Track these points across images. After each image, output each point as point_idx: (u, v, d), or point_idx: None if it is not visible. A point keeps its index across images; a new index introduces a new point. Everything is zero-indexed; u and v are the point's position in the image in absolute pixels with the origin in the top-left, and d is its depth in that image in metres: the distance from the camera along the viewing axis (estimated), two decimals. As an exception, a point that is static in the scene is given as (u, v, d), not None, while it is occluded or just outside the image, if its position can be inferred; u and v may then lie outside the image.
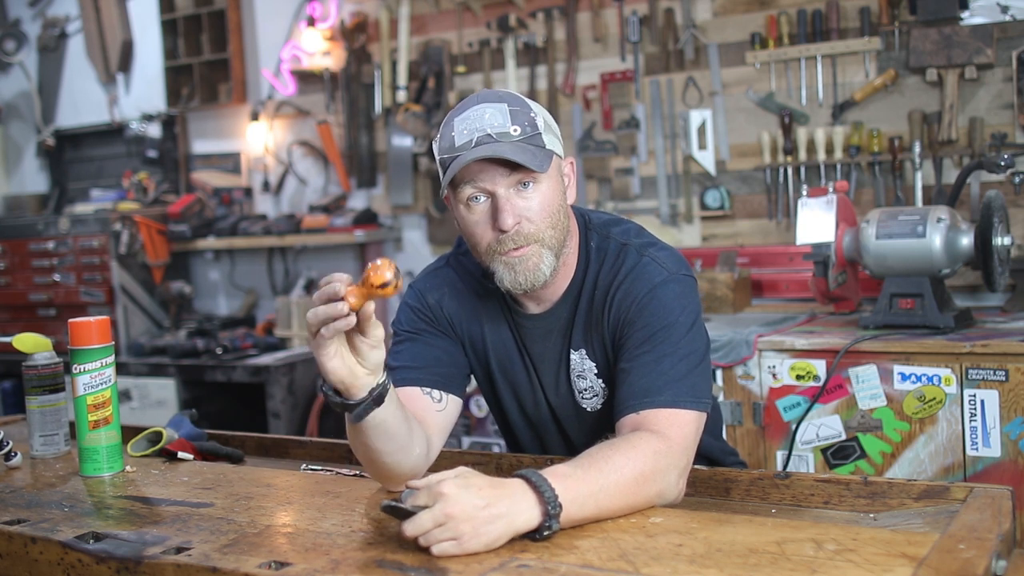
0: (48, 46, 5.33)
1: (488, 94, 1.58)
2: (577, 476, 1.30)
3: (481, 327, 1.73)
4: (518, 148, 1.51)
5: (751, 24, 3.61)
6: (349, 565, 1.19)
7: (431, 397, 1.65)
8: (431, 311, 1.73)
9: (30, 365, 1.87)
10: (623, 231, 1.68)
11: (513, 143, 1.51)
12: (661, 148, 3.80)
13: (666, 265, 1.61)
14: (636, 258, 1.62)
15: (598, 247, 1.67)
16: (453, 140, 1.53)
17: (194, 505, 1.49)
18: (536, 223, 1.54)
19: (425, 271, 1.80)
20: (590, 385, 1.69)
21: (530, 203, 1.54)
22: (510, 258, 1.56)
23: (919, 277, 2.76)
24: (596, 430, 1.67)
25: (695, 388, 1.52)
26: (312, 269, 4.63)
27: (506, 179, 1.52)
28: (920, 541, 1.18)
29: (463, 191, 1.54)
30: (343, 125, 4.45)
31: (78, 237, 4.53)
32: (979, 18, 3.20)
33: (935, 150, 3.28)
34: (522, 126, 1.53)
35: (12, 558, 1.39)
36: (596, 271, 1.65)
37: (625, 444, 1.41)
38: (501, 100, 1.55)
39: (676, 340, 1.54)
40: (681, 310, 1.57)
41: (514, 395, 1.77)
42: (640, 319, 1.57)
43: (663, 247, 1.66)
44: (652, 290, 1.58)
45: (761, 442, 2.84)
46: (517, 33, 4.02)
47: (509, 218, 1.52)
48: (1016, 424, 2.51)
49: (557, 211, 1.57)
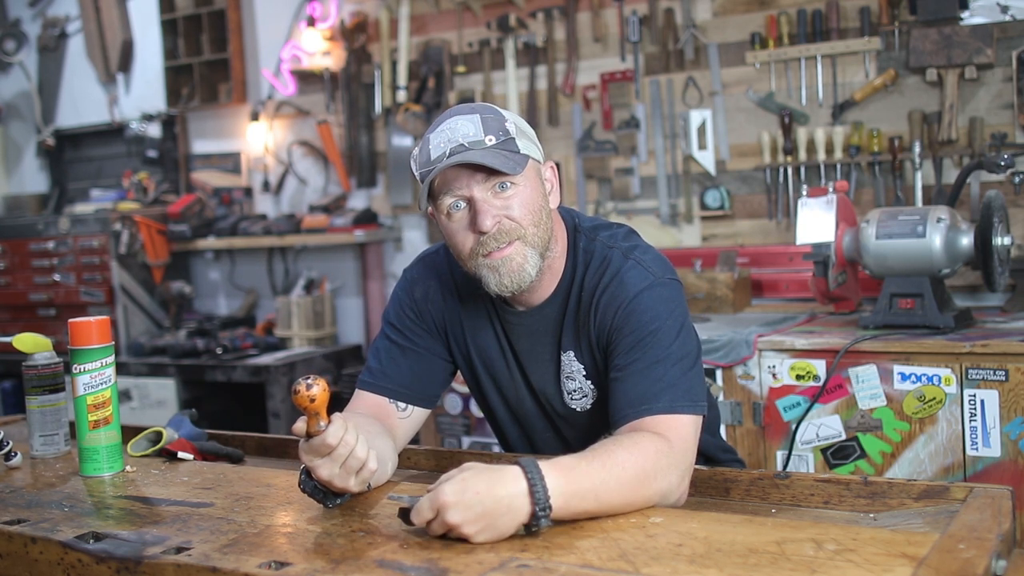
0: (48, 46, 5.33)
1: (461, 107, 1.61)
2: (580, 469, 1.31)
3: (463, 321, 1.75)
4: (490, 153, 1.53)
5: (751, 24, 3.61)
6: (349, 565, 1.19)
7: (396, 407, 1.73)
8: (417, 305, 1.76)
9: (30, 365, 1.87)
10: (610, 235, 1.69)
11: (486, 149, 1.54)
12: (661, 148, 3.80)
13: (651, 269, 1.62)
14: (620, 262, 1.63)
15: (585, 249, 1.68)
16: (429, 154, 1.56)
17: (194, 505, 1.49)
18: (517, 220, 1.56)
19: (420, 256, 1.83)
20: (579, 387, 1.70)
21: (509, 202, 1.56)
22: (493, 260, 1.57)
23: (919, 277, 2.76)
24: (587, 429, 1.70)
25: (691, 392, 1.53)
26: (312, 269, 4.63)
27: (482, 184, 1.55)
28: (920, 541, 1.18)
29: (443, 202, 1.57)
30: (343, 125, 4.45)
31: (78, 237, 4.53)
32: (979, 18, 3.20)
33: (935, 150, 3.28)
34: (495, 134, 1.55)
35: (12, 558, 1.39)
36: (583, 273, 1.66)
37: (629, 441, 1.42)
38: (473, 112, 1.58)
39: (666, 345, 1.55)
40: (668, 314, 1.57)
41: (499, 393, 1.79)
42: (627, 325, 1.58)
43: (648, 251, 1.66)
44: (637, 295, 1.59)
45: (761, 442, 2.84)
46: (517, 33, 4.02)
47: (487, 219, 1.54)
48: (1016, 424, 2.51)
49: (538, 211, 1.59)
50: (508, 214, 1.56)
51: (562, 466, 1.30)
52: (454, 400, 3.41)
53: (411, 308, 1.76)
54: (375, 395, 1.72)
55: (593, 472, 1.32)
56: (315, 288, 4.53)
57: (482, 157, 1.52)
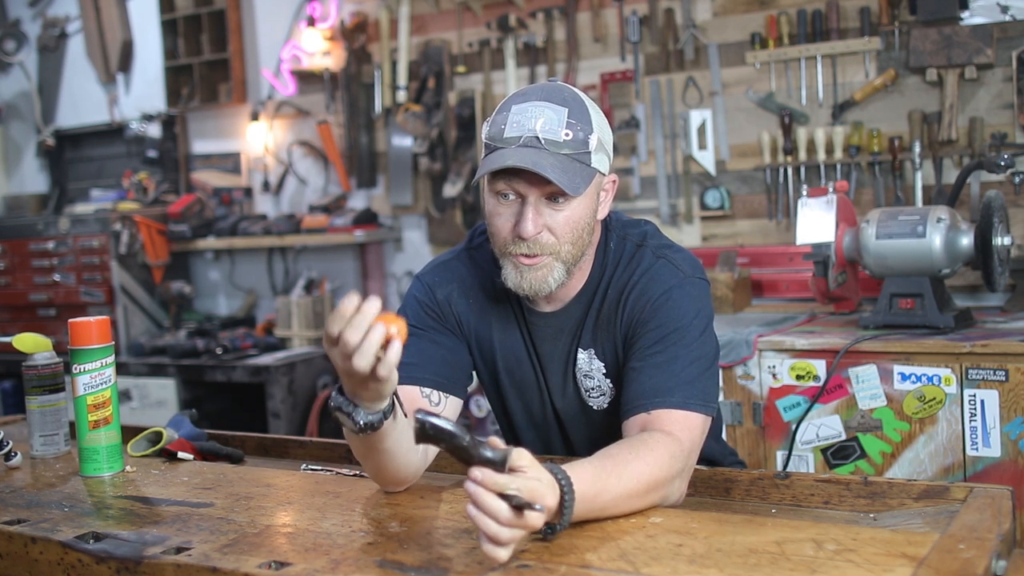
0: (48, 46, 5.33)
1: (554, 92, 1.52)
2: (598, 483, 1.28)
3: (490, 327, 1.72)
4: (559, 164, 1.47)
5: (751, 24, 3.61)
6: (349, 565, 1.19)
7: (429, 400, 1.63)
8: (439, 307, 1.71)
9: (30, 365, 1.87)
10: (640, 233, 1.68)
11: (556, 156, 1.48)
12: (661, 148, 3.80)
13: (682, 268, 1.61)
14: (652, 260, 1.62)
15: (615, 248, 1.66)
16: (503, 130, 1.50)
17: (194, 505, 1.49)
18: (558, 238, 1.53)
19: (434, 263, 1.78)
20: (597, 384, 1.68)
21: (557, 218, 1.52)
22: (520, 262, 1.54)
23: (919, 277, 2.76)
24: (601, 429, 1.67)
25: (705, 392, 1.52)
26: (312, 269, 4.63)
27: (540, 188, 1.50)
28: (920, 541, 1.18)
29: (497, 184, 1.53)
30: (343, 125, 4.45)
31: (78, 237, 4.53)
32: (979, 18, 3.20)
33: (935, 150, 3.28)
34: (576, 140, 1.49)
35: (12, 558, 1.39)
36: (611, 272, 1.65)
37: (644, 448, 1.39)
38: (565, 104, 1.51)
39: (688, 343, 1.54)
40: (695, 314, 1.57)
41: (520, 397, 1.76)
42: (653, 320, 1.57)
43: (679, 250, 1.66)
44: (666, 292, 1.58)
45: (761, 442, 2.84)
46: (517, 33, 4.02)
47: (531, 226, 1.50)
48: (1016, 424, 2.51)
49: (582, 229, 1.56)
50: (552, 227, 1.52)
51: (582, 479, 1.25)
52: (454, 400, 3.41)
53: (433, 310, 1.70)
54: (405, 387, 1.58)
55: (610, 486, 1.29)
56: (315, 288, 4.53)
57: (550, 169, 1.46)
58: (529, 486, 1.15)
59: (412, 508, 1.42)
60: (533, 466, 1.18)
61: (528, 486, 1.15)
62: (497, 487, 1.13)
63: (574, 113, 1.50)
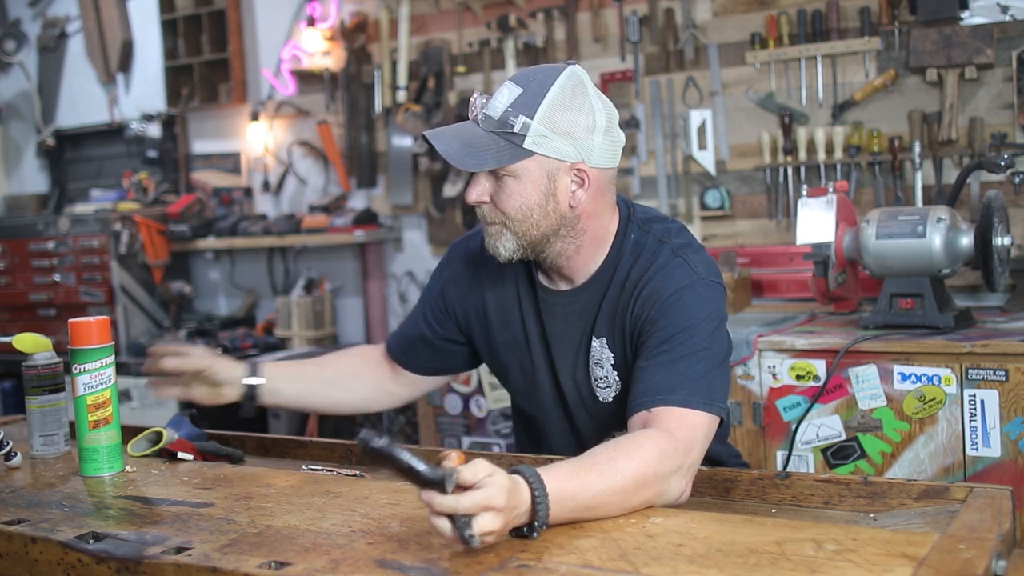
0: (48, 46, 5.33)
1: (528, 74, 1.59)
2: (577, 480, 1.28)
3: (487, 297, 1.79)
4: (479, 140, 1.56)
5: (751, 24, 3.61)
6: (349, 565, 1.19)
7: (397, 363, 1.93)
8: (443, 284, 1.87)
9: (30, 365, 1.87)
10: (664, 229, 1.69)
11: (486, 133, 1.56)
12: (661, 148, 3.80)
13: (696, 269, 1.61)
14: (669, 257, 1.63)
15: (637, 240, 1.67)
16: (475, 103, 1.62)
17: (194, 505, 1.49)
18: (503, 212, 1.60)
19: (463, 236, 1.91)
20: (605, 375, 1.68)
21: (499, 192, 1.60)
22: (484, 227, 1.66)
23: (919, 277, 2.76)
24: (604, 422, 1.66)
25: (710, 390, 1.52)
26: (312, 269, 4.63)
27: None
28: (920, 541, 1.18)
29: None
30: (343, 125, 4.45)
31: (78, 237, 4.53)
32: (979, 18, 3.20)
33: (935, 150, 3.28)
34: (514, 118, 1.54)
35: (12, 558, 1.39)
36: (630, 264, 1.65)
37: (630, 445, 1.39)
38: (524, 86, 1.56)
39: (696, 343, 1.54)
40: (705, 315, 1.57)
41: (520, 371, 1.78)
42: (663, 319, 1.57)
43: (699, 250, 1.66)
44: (678, 291, 1.58)
45: (761, 442, 2.84)
46: (517, 33, 4.02)
47: (472, 193, 1.61)
48: (1016, 424, 2.51)
49: (530, 209, 1.59)
50: (496, 200, 1.60)
51: (558, 477, 1.27)
52: (454, 400, 3.42)
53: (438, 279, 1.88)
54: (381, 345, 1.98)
55: (590, 483, 1.29)
56: (315, 288, 4.53)
57: (449, 140, 1.58)
58: (475, 500, 1.16)
59: (412, 508, 1.42)
60: (490, 475, 1.18)
61: (474, 500, 1.16)
62: (443, 510, 1.16)
63: (526, 95, 1.55)
